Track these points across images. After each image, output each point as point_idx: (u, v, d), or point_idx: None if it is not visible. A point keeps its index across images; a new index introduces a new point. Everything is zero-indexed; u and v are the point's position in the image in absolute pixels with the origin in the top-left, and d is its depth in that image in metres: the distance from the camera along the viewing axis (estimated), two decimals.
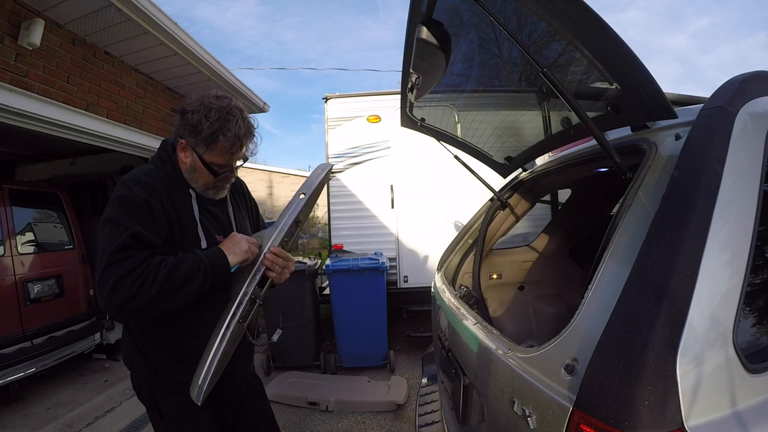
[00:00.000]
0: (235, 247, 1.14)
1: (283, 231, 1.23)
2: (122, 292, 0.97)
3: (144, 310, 1.03)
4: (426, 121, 1.98)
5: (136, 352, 1.23)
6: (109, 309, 0.99)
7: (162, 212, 1.11)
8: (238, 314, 1.13)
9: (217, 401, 1.31)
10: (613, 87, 1.12)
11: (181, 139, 1.18)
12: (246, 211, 1.45)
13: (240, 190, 1.47)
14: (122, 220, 1.04)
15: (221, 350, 1.09)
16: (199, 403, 1.07)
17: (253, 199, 1.56)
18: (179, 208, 1.17)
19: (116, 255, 1.00)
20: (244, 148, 1.20)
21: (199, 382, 1.07)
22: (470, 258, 2.13)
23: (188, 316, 1.19)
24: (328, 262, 3.66)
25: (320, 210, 14.12)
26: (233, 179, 1.31)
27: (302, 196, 1.28)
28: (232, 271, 1.15)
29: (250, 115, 1.25)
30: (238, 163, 1.24)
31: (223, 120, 1.12)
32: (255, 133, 1.23)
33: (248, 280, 1.17)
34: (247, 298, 1.15)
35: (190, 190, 1.21)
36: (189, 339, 1.20)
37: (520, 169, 2.15)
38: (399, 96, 1.85)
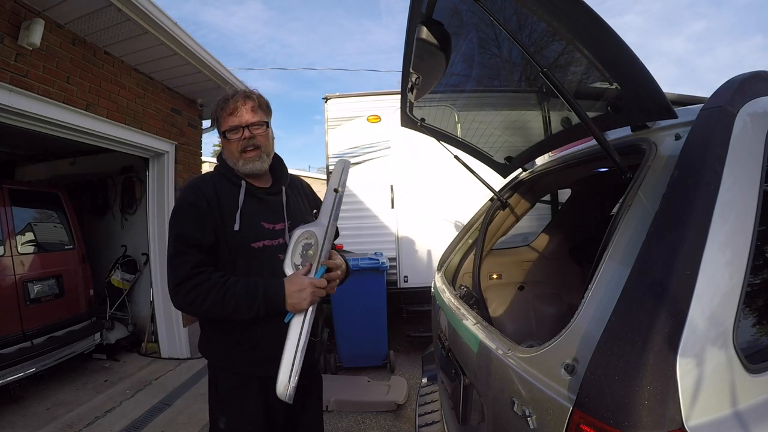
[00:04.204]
0: (299, 303, 1.17)
1: (332, 233, 1.28)
2: (180, 298, 1.18)
3: (199, 316, 1.30)
4: (426, 121, 1.98)
5: (205, 337, 1.36)
6: (175, 305, 1.21)
7: (207, 208, 1.25)
8: (312, 318, 1.21)
9: (268, 389, 1.30)
10: (613, 87, 1.12)
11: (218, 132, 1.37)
12: (308, 207, 1.51)
13: (300, 186, 1.55)
14: (171, 226, 1.25)
15: (300, 350, 1.14)
16: (291, 401, 1.11)
17: (319, 199, 1.60)
18: (225, 198, 1.29)
19: (172, 261, 1.21)
20: (241, 108, 1.29)
21: (288, 380, 1.11)
22: (470, 258, 2.13)
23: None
24: None
25: None
26: (252, 140, 1.32)
27: (336, 192, 1.34)
28: (286, 321, 1.18)
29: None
30: (253, 119, 1.31)
31: (223, 97, 1.33)
32: (252, 97, 1.33)
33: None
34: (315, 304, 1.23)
35: (241, 181, 1.33)
36: (248, 325, 1.26)
37: (520, 169, 2.15)
38: (399, 96, 1.85)
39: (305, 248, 1.23)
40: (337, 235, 1.59)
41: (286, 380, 1.11)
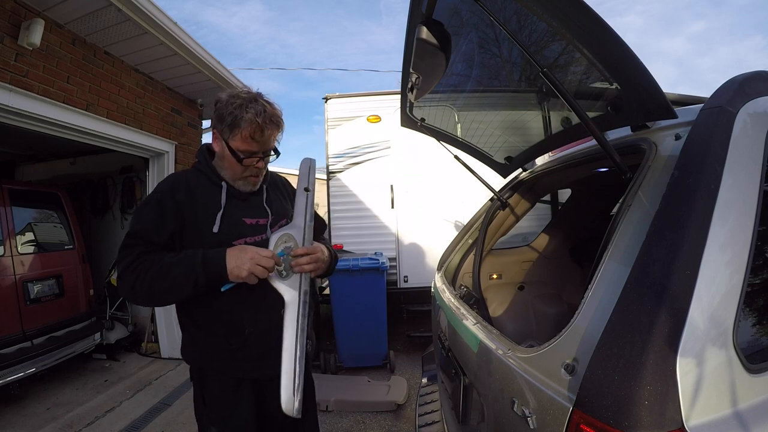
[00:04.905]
0: (238, 268, 1.11)
1: (310, 234, 1.25)
2: (123, 285, 1.12)
3: (147, 302, 1.19)
4: (426, 121, 1.98)
5: (188, 338, 1.30)
6: (121, 295, 1.17)
7: (173, 206, 1.18)
8: (305, 324, 1.16)
9: (260, 392, 1.31)
10: (613, 87, 1.12)
11: (214, 129, 1.25)
12: (289, 203, 1.46)
13: (280, 184, 1.49)
14: (132, 221, 1.20)
15: (299, 359, 1.10)
16: (300, 415, 1.08)
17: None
18: (201, 198, 1.22)
19: (121, 252, 1.16)
20: (268, 136, 1.20)
21: (293, 393, 1.07)
22: (470, 258, 2.13)
23: (230, 304, 1.22)
24: None
25: (320, 210, 14.13)
26: (264, 171, 1.29)
27: (307, 191, 1.29)
28: (222, 290, 1.14)
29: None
30: (271, 147, 1.24)
31: (245, 106, 1.16)
32: (280, 123, 1.23)
33: (301, 289, 1.18)
34: (306, 306, 1.17)
35: (222, 182, 1.25)
36: (234, 323, 1.23)
37: (520, 169, 2.15)
38: (399, 96, 1.85)
39: (286, 251, 1.21)
40: (324, 227, 1.55)
41: (291, 394, 1.07)
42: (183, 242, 1.19)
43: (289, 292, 1.16)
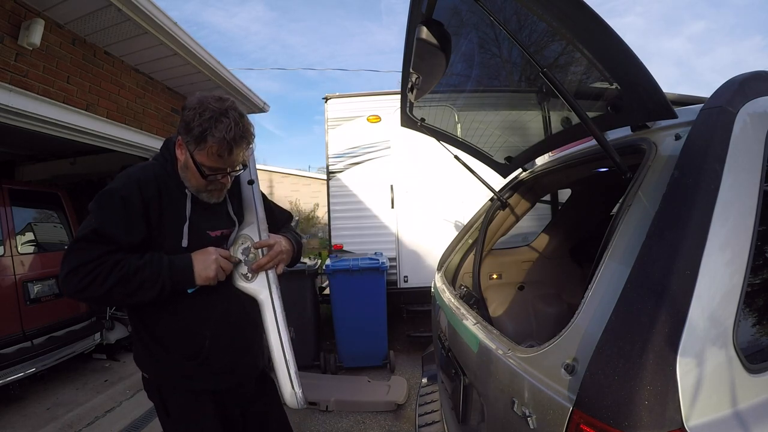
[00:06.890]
0: (206, 269, 1.12)
1: (264, 226, 1.24)
2: (74, 282, 1.03)
3: (96, 302, 1.17)
4: (426, 121, 1.98)
5: (142, 348, 1.24)
6: (64, 292, 1.07)
7: (141, 207, 1.10)
8: (284, 317, 1.16)
9: (224, 401, 1.31)
10: (613, 87, 1.12)
11: (179, 136, 1.15)
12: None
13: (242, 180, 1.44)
14: (94, 212, 1.09)
15: (288, 351, 1.12)
16: (305, 405, 1.10)
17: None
18: (168, 204, 1.16)
19: (77, 244, 1.06)
20: (236, 154, 1.12)
21: (291, 386, 1.09)
22: (470, 258, 2.13)
23: (191, 319, 1.21)
24: (328, 262, 3.66)
25: (320, 210, 14.11)
26: (228, 185, 1.23)
27: (251, 183, 1.28)
28: (189, 292, 1.14)
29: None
30: (237, 168, 1.18)
31: (214, 120, 1.07)
32: (250, 140, 1.16)
33: (271, 286, 1.19)
34: (280, 300, 1.18)
35: (186, 189, 1.19)
36: (195, 338, 1.21)
37: (520, 169, 2.15)
38: (399, 96, 1.85)
39: (245, 253, 1.21)
40: (289, 218, 1.53)
41: (290, 388, 1.08)
42: (147, 247, 1.13)
43: (260, 291, 1.18)
